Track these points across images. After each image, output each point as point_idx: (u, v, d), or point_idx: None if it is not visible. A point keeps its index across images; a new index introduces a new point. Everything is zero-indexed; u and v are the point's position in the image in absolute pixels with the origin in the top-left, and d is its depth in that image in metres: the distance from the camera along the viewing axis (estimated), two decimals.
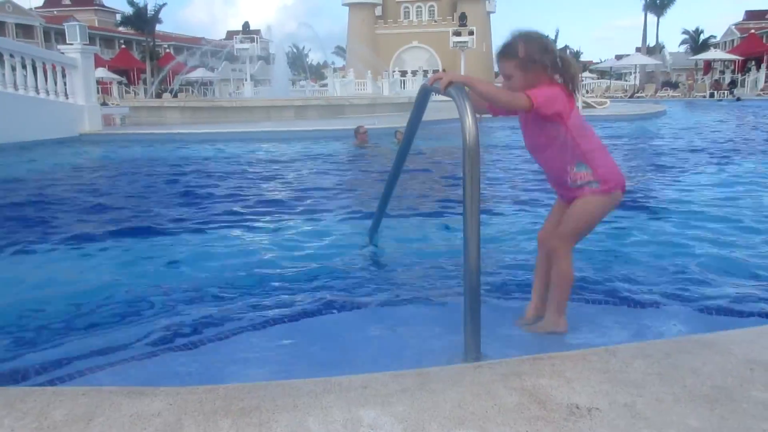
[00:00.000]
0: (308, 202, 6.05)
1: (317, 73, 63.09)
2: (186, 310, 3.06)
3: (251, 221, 5.19)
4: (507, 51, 2.48)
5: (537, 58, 2.42)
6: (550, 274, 2.68)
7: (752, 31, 50.47)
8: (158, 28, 60.49)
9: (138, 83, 51.03)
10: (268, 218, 5.31)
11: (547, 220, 2.77)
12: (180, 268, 3.81)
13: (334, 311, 3.01)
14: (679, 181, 6.96)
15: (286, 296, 3.24)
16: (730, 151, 9.95)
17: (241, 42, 30.32)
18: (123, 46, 59.79)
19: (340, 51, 74.73)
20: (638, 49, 51.75)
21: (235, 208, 5.73)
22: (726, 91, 33.79)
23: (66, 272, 3.79)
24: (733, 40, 58.53)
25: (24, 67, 13.12)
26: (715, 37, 62.42)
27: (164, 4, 56.69)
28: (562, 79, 2.46)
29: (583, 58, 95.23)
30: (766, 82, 36.97)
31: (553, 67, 2.44)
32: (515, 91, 2.41)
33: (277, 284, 3.47)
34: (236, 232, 4.81)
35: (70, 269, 3.86)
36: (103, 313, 3.05)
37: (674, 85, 40.83)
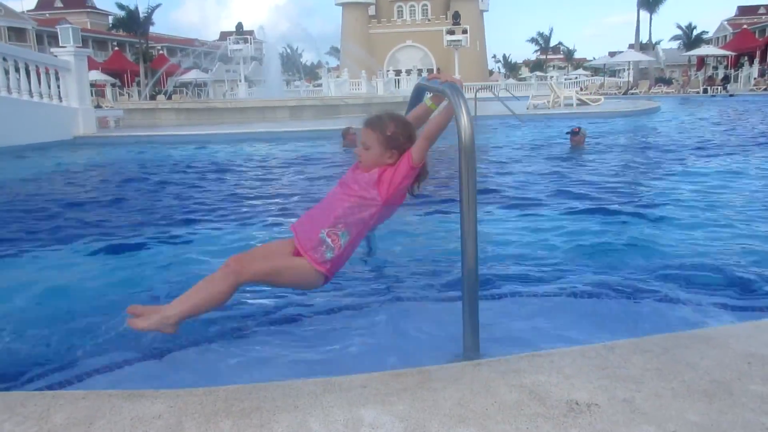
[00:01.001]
0: (302, 202, 6.04)
1: (311, 73, 63.03)
2: None
3: (248, 221, 5.18)
4: (380, 123, 2.55)
5: (400, 143, 2.53)
6: None
7: (744, 26, 50.72)
8: (151, 29, 60.35)
9: (132, 85, 50.95)
10: (264, 218, 5.31)
11: (249, 252, 2.63)
12: (178, 269, 3.80)
13: (333, 311, 3.01)
14: (675, 177, 6.98)
15: (285, 296, 3.24)
16: (725, 146, 9.99)
17: (235, 43, 30.27)
18: (116, 48, 59.72)
19: (334, 51, 74.66)
20: (631, 46, 51.86)
21: (230, 209, 5.73)
22: (719, 87, 33.91)
23: (63, 275, 3.78)
24: (725, 36, 58.76)
25: (17, 70, 13.06)
26: (707, 32, 62.63)
27: (158, 5, 56.59)
28: (416, 180, 2.64)
29: (576, 56, 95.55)
30: (758, 77, 37.11)
31: (403, 150, 2.54)
32: (364, 162, 2.56)
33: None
34: (233, 232, 4.80)
35: (67, 272, 3.85)
36: (101, 315, 3.04)
37: (668, 82, 40.96)
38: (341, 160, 10.08)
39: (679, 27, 61.88)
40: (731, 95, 30.33)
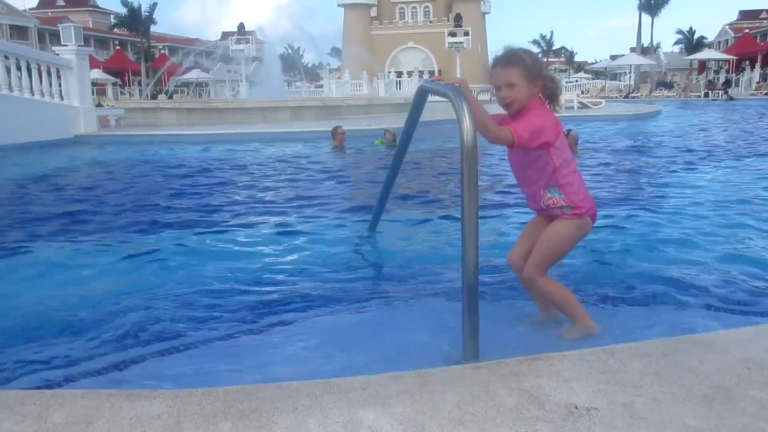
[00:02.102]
0: (301, 203, 6.04)
1: (313, 74, 63.05)
2: (183, 312, 3.05)
3: (246, 223, 5.18)
4: (512, 59, 2.48)
5: (542, 71, 2.48)
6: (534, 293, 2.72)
7: (746, 30, 50.73)
8: (153, 29, 60.37)
9: (133, 84, 50.94)
10: (260, 220, 5.30)
11: (517, 244, 2.77)
12: (177, 270, 3.80)
13: (332, 312, 3.01)
14: (675, 181, 6.98)
15: (284, 298, 3.24)
16: (725, 150, 9.99)
17: (237, 43, 30.26)
18: (118, 47, 59.70)
19: (335, 52, 74.70)
20: (633, 50, 51.84)
21: (230, 210, 5.73)
22: (720, 91, 33.91)
23: (62, 274, 3.78)
24: (727, 40, 58.76)
25: (18, 68, 13.07)
26: (705, 38, 62.60)
27: (155, 3, 56.52)
28: (547, 97, 2.51)
29: (577, 59, 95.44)
30: (760, 81, 37.10)
31: (549, 83, 2.49)
32: (515, 102, 2.45)
33: (274, 286, 3.47)
34: (232, 234, 4.80)
35: (67, 271, 3.85)
36: (100, 315, 3.04)
37: (669, 85, 40.94)
38: (336, 160, 10.06)
39: (681, 32, 61.93)
40: (732, 99, 30.32)
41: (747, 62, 43.31)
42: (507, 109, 2.51)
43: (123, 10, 55.86)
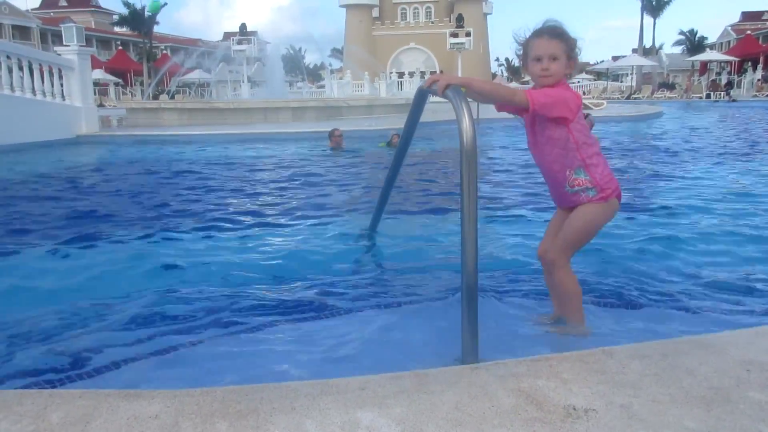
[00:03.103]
0: (299, 204, 6.05)
1: (314, 74, 63.09)
2: (182, 311, 3.05)
3: (246, 223, 5.18)
4: (561, 32, 2.48)
5: (576, 51, 2.48)
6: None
7: (748, 32, 50.63)
8: (155, 29, 60.41)
9: (135, 84, 51.00)
10: (259, 220, 5.30)
11: (545, 236, 2.78)
12: (176, 270, 3.80)
13: (331, 313, 3.01)
14: (675, 183, 6.98)
15: (283, 298, 3.24)
16: (726, 152, 9.98)
17: (238, 43, 30.28)
18: (120, 47, 59.76)
19: (336, 53, 74.71)
20: (635, 50, 51.80)
21: (230, 211, 5.73)
22: (722, 92, 33.88)
23: (61, 274, 3.79)
24: (729, 42, 58.70)
25: (21, 68, 13.09)
26: (706, 38, 62.49)
27: (164, 4, 56.51)
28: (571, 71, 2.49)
29: (579, 59, 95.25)
30: (763, 82, 37.05)
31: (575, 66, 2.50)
32: (552, 75, 2.43)
33: (273, 286, 3.47)
34: (231, 234, 4.80)
35: (66, 271, 3.85)
36: (99, 314, 3.04)
37: (671, 86, 40.92)
38: (334, 161, 10.06)
39: (682, 33, 61.80)
40: (734, 101, 30.29)
41: (749, 63, 43.26)
42: (541, 81, 2.47)
43: (125, 11, 55.88)
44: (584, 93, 33.72)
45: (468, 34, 31.98)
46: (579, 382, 1.81)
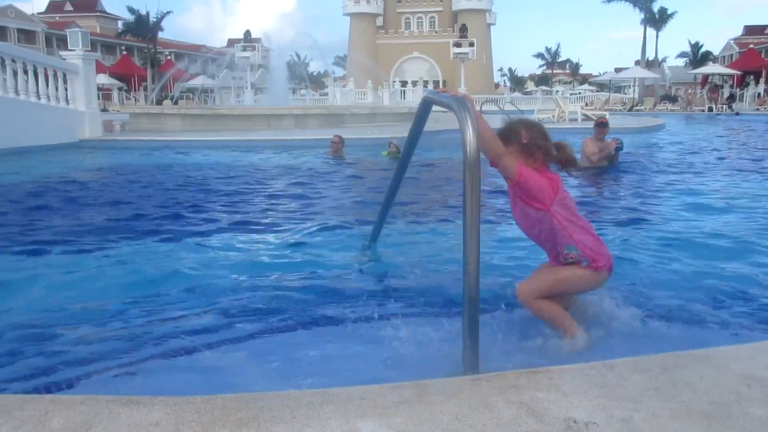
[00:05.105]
0: (300, 212, 6.05)
1: (318, 82, 63.26)
2: (184, 319, 3.06)
3: (245, 231, 5.18)
4: (509, 136, 2.59)
5: (540, 144, 2.58)
6: (561, 301, 2.77)
7: (751, 46, 50.79)
8: (159, 35, 60.70)
9: (139, 90, 51.18)
10: (259, 228, 5.31)
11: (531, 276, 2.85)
12: (178, 277, 3.81)
13: (332, 322, 3.01)
14: (678, 197, 6.97)
15: (285, 307, 3.24)
16: (729, 166, 9.98)
17: (242, 50, 30.43)
18: (124, 52, 60.00)
19: (340, 60, 74.95)
20: (637, 63, 51.95)
21: (229, 218, 5.73)
22: (724, 105, 33.91)
23: (63, 279, 3.79)
24: (731, 55, 58.84)
25: (25, 72, 13.15)
26: (711, 52, 62.66)
27: (168, 12, 56.87)
28: (561, 166, 2.65)
29: (581, 71, 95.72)
30: (763, 96, 37.11)
31: (548, 154, 2.60)
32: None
33: (274, 294, 3.47)
34: (234, 242, 4.81)
35: (67, 276, 3.86)
36: (100, 320, 3.05)
37: (673, 99, 40.97)
38: (334, 169, 10.07)
39: (689, 44, 61.96)
40: (737, 114, 30.31)
41: (751, 77, 43.35)
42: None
43: (130, 16, 56.15)
44: (586, 104, 33.71)
45: (471, 44, 32.12)
46: (579, 394, 1.81)
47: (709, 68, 46.63)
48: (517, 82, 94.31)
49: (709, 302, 3.26)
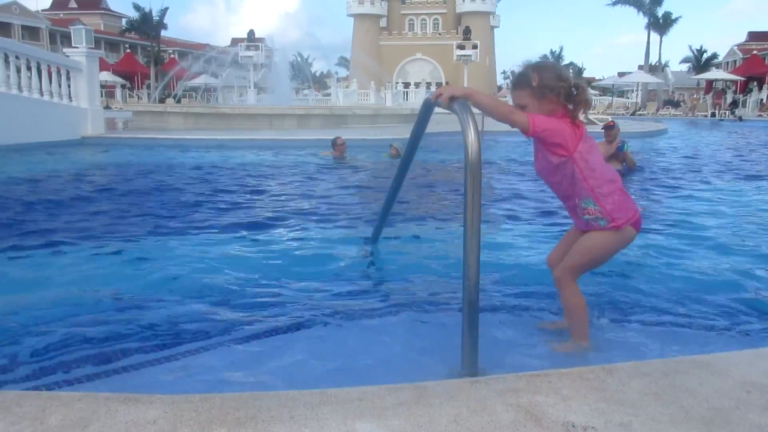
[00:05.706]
0: (301, 213, 6.05)
1: (321, 82, 63.29)
2: (183, 317, 3.06)
3: (246, 231, 5.17)
4: (520, 81, 2.49)
5: (552, 86, 2.42)
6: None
7: (754, 52, 50.73)
8: (163, 33, 60.76)
9: (142, 87, 51.22)
10: (260, 228, 5.30)
11: (556, 246, 2.81)
12: (178, 276, 3.80)
13: (332, 323, 3.00)
14: (679, 201, 6.97)
15: (284, 307, 3.23)
16: (732, 171, 9.97)
17: (246, 49, 30.45)
18: (128, 50, 60.07)
19: (343, 61, 75.03)
20: (641, 67, 51.94)
21: (229, 218, 5.73)
22: (727, 111, 33.89)
23: (63, 276, 3.78)
24: (735, 61, 58.79)
25: (29, 69, 13.17)
26: (717, 55, 62.58)
27: (167, 8, 56.89)
28: (573, 105, 2.45)
29: (585, 75, 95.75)
30: (766, 102, 37.07)
31: (568, 95, 2.44)
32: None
33: (274, 295, 3.47)
34: (234, 241, 4.81)
35: (67, 273, 3.85)
36: (100, 318, 3.04)
37: (676, 104, 40.95)
38: (337, 170, 10.07)
39: (691, 49, 61.91)
40: (740, 119, 30.28)
41: (754, 83, 43.32)
42: None
43: (135, 14, 56.22)
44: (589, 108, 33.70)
45: (475, 47, 32.11)
46: (578, 399, 1.80)
47: (713, 74, 46.60)
48: None
49: (710, 308, 3.26)
